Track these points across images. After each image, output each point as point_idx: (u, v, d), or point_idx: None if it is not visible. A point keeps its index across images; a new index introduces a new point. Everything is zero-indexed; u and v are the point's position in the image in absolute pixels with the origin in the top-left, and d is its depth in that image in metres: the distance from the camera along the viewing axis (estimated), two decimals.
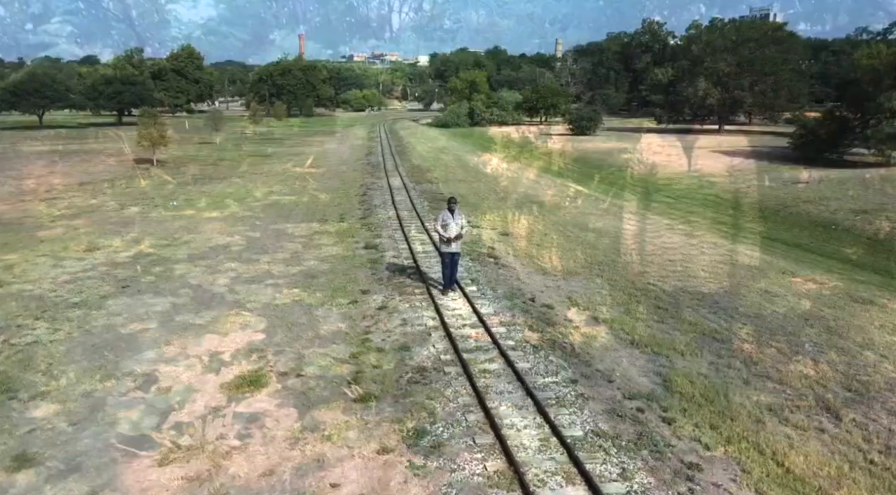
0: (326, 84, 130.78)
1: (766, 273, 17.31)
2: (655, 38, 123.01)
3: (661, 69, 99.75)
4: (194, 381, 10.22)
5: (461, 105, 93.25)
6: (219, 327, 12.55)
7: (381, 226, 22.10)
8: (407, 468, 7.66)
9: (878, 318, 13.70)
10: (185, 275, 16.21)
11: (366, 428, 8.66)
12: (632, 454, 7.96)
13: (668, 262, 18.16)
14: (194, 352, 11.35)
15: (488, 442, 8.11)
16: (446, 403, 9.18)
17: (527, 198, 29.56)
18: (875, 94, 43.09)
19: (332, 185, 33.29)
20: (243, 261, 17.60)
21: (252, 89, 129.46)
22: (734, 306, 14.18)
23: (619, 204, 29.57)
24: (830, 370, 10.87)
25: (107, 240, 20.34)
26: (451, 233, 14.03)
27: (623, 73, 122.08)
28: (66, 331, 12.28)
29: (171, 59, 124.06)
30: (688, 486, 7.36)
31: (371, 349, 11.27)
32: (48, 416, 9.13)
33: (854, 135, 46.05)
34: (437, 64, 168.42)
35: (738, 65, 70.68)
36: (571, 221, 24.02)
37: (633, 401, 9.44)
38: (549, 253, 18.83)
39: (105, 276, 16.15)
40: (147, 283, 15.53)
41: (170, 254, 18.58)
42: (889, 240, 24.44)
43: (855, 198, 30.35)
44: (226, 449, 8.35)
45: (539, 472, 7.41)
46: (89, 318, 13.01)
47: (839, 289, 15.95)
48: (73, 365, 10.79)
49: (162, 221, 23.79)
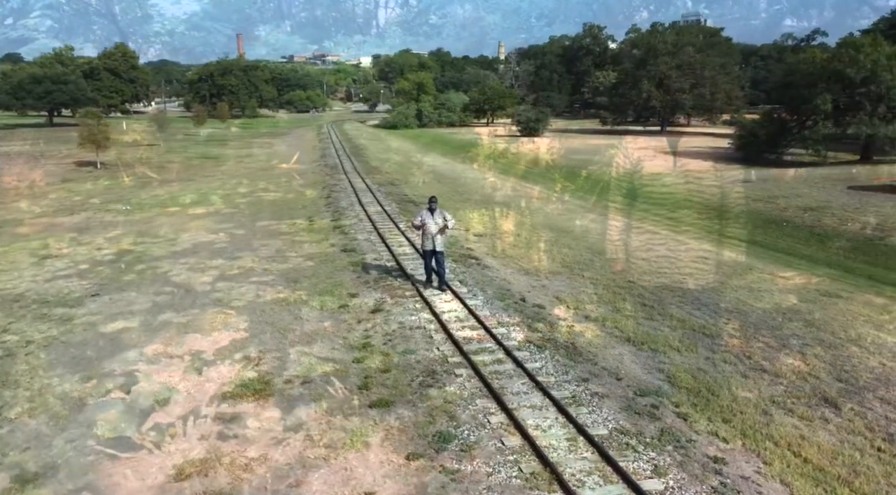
0: (269, 85, 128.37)
1: (735, 269, 17.91)
2: (596, 42, 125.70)
3: (603, 72, 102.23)
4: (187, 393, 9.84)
5: (409, 106, 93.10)
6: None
7: (354, 229, 21.80)
8: (441, 473, 7.56)
9: (849, 311, 14.33)
10: (168, 273, 15.62)
11: (388, 433, 8.51)
12: (658, 450, 8.07)
13: (641, 261, 18.55)
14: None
15: (517, 443, 8.09)
16: (465, 406, 9.12)
17: (490, 198, 29.72)
18: (811, 97, 45.16)
19: (295, 186, 32.67)
20: (203, 261, 17.09)
21: (191, 90, 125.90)
22: (715, 302, 14.59)
23: (580, 204, 30.07)
24: (819, 362, 11.30)
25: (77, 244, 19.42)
26: (431, 231, 14.10)
27: (565, 76, 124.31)
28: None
29: (104, 57, 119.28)
30: (718, 480, 7.52)
31: (375, 352, 11.09)
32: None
33: (792, 136, 48.24)
34: (381, 65, 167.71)
35: (678, 68, 72.98)
36: (542, 221, 24.28)
37: (644, 398, 9.58)
38: (526, 252, 18.98)
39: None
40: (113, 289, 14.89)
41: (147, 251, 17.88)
42: (838, 236, 25.60)
43: (801, 196, 31.72)
44: (244, 461, 8.07)
45: (574, 472, 7.44)
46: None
47: (808, 284, 16.62)
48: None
49: (118, 225, 22.88)
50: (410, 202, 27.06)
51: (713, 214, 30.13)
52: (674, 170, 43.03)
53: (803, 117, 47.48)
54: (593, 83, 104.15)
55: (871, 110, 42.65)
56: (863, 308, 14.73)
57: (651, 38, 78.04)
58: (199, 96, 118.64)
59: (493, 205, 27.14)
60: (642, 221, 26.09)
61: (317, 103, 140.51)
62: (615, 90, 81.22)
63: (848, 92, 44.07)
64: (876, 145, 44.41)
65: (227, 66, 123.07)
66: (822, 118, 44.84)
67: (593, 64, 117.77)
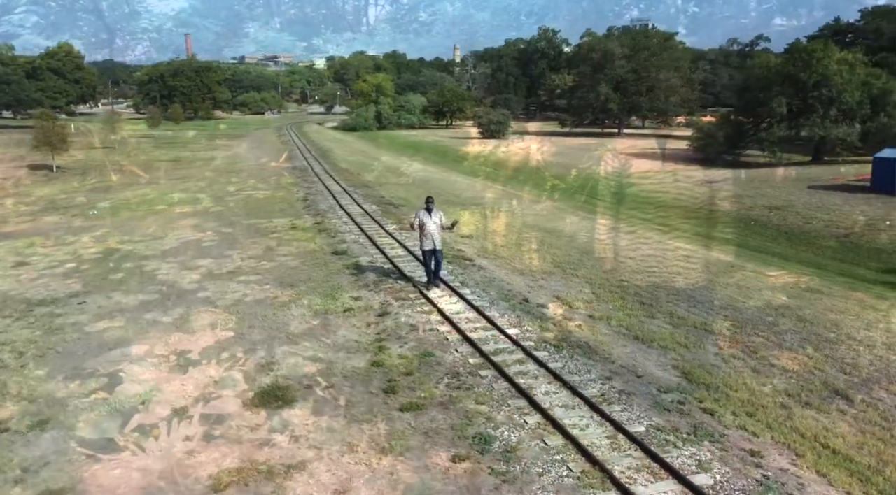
0: (222, 86, 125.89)
1: (720, 267, 18.36)
2: (551, 45, 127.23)
3: (559, 75, 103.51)
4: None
5: (368, 108, 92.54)
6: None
7: (340, 231, 21.55)
8: (490, 474, 7.54)
9: (835, 307, 14.84)
10: (156, 272, 15.15)
11: (427, 436, 8.43)
12: (696, 445, 8.22)
13: (628, 260, 18.86)
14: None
15: (559, 443, 8.12)
16: (498, 407, 9.11)
17: (468, 200, 29.77)
18: (766, 100, 46.67)
19: (272, 185, 32.10)
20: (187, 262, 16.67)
21: (141, 91, 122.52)
22: (709, 299, 14.93)
23: (559, 206, 30.39)
24: (821, 356, 11.67)
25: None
26: (431, 231, 14.12)
27: (521, 78, 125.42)
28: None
29: (48, 56, 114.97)
30: (760, 473, 7.69)
31: (392, 355, 10.99)
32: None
33: (748, 138, 49.80)
34: (335, 67, 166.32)
35: (634, 71, 74.52)
36: (526, 222, 24.44)
37: (668, 395, 9.74)
38: (516, 252, 19.09)
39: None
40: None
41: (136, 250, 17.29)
42: (805, 233, 26.52)
43: (765, 196, 32.74)
44: (282, 469, 7.89)
45: (623, 469, 7.51)
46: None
47: (790, 282, 17.16)
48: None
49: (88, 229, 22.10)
50: (389, 204, 26.92)
51: (682, 214, 30.86)
52: (639, 172, 43.89)
53: (759, 120, 49.05)
54: (549, 86, 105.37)
55: (823, 113, 44.27)
56: (845, 303, 15.27)
57: (608, 43, 79.45)
58: (149, 98, 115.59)
59: (474, 207, 27.20)
60: (620, 221, 26.54)
61: (271, 105, 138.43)
62: (573, 93, 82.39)
63: (801, 95, 45.67)
64: (827, 146, 46.13)
65: (179, 67, 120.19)
66: (778, 121, 46.40)
67: (548, 67, 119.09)
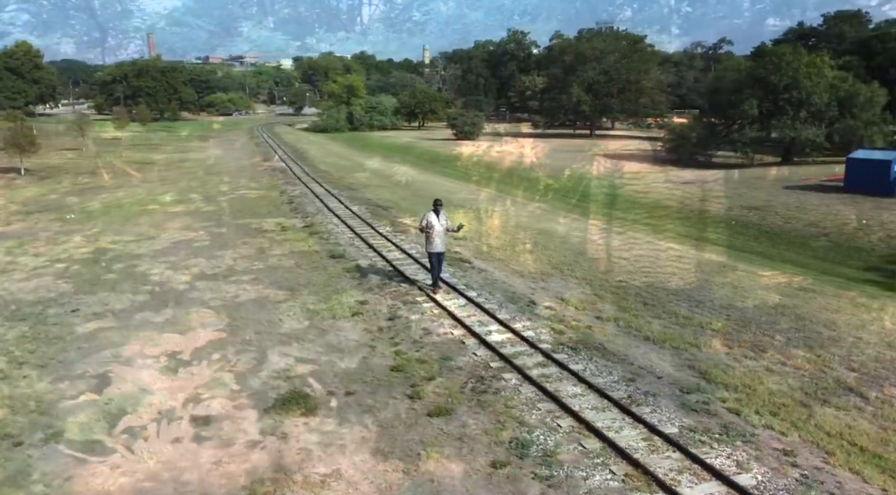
0: (188, 86, 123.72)
1: (712, 267, 18.62)
2: (520, 47, 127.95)
3: (529, 76, 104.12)
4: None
5: (340, 109, 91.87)
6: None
7: (332, 234, 21.30)
8: (535, 479, 7.48)
9: (829, 306, 15.15)
10: (150, 274, 14.74)
11: (461, 442, 8.34)
12: (730, 445, 8.28)
13: (621, 260, 19.00)
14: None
15: (597, 446, 8.11)
16: (528, 410, 9.06)
17: (457, 202, 29.67)
18: (738, 102, 47.62)
19: (258, 187, 31.58)
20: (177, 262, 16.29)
21: (103, 91, 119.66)
22: (709, 299, 15.11)
23: (539, 206, 30.50)
24: (827, 354, 11.88)
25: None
26: (438, 233, 14.06)
27: (491, 80, 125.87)
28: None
29: (5, 56, 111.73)
30: (798, 472, 7.78)
31: (411, 360, 10.86)
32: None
33: (720, 139, 50.76)
34: (304, 68, 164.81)
35: (605, 73, 75.34)
36: (511, 223, 24.47)
37: (692, 395, 9.80)
38: (511, 254, 19.10)
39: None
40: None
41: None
42: (785, 233, 27.07)
43: (742, 196, 33.34)
44: (318, 478, 7.72)
45: (665, 471, 7.52)
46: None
47: (782, 281, 17.48)
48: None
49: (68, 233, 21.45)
50: (378, 206, 26.72)
51: (665, 214, 31.26)
52: (618, 173, 44.34)
53: (731, 121, 50.02)
54: (520, 87, 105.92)
55: (793, 115, 45.34)
56: (838, 302, 15.58)
57: (579, 45, 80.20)
58: (112, 98, 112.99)
59: (464, 209, 27.12)
60: (607, 222, 26.75)
61: (239, 106, 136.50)
62: (546, 94, 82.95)
63: (771, 97, 46.70)
64: (796, 147, 47.25)
65: (143, 67, 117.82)
66: (749, 122, 47.38)
67: (518, 68, 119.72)
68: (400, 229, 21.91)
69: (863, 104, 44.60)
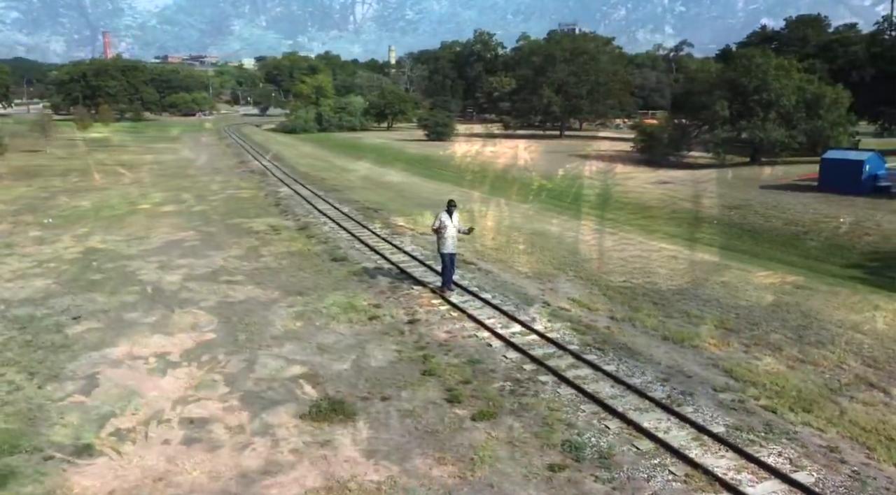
0: (149, 86, 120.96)
1: (709, 267, 18.93)
2: (487, 48, 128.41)
3: (496, 77, 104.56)
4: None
5: (308, 110, 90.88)
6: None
7: (330, 237, 21.00)
8: (597, 482, 7.45)
9: (829, 303, 15.49)
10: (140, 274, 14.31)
11: (512, 446, 8.26)
12: (778, 443, 8.37)
13: (618, 260, 19.15)
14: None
15: (650, 446, 8.12)
16: (573, 412, 9.03)
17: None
18: (709, 103, 48.53)
19: (245, 186, 30.95)
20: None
21: (60, 90, 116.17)
22: (715, 298, 15.34)
23: (524, 207, 30.61)
24: (839, 350, 12.13)
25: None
26: (452, 234, 14.03)
27: (457, 81, 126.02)
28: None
29: None
30: (849, 468, 7.90)
31: (440, 364, 10.74)
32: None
33: (691, 139, 51.70)
34: (268, 67, 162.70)
35: (575, 74, 76.09)
36: (504, 224, 24.49)
37: (725, 394, 9.90)
38: (510, 255, 19.10)
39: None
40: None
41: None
42: (766, 231, 27.65)
43: (721, 196, 33.99)
44: (373, 487, 7.57)
45: (724, 471, 7.56)
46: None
47: (778, 280, 17.84)
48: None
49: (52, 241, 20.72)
50: (368, 208, 26.45)
51: (648, 214, 31.67)
52: (593, 173, 44.78)
53: (702, 122, 50.95)
54: (487, 88, 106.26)
55: (763, 116, 46.39)
56: (836, 299, 15.94)
57: (549, 46, 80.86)
58: (70, 98, 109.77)
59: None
60: (595, 222, 26.98)
61: (203, 106, 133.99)
62: (517, 95, 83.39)
63: (741, 99, 47.72)
64: (764, 148, 48.37)
65: (103, 66, 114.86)
66: (721, 123, 48.33)
67: (484, 69, 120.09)
68: (396, 231, 21.73)
69: (828, 106, 45.81)
